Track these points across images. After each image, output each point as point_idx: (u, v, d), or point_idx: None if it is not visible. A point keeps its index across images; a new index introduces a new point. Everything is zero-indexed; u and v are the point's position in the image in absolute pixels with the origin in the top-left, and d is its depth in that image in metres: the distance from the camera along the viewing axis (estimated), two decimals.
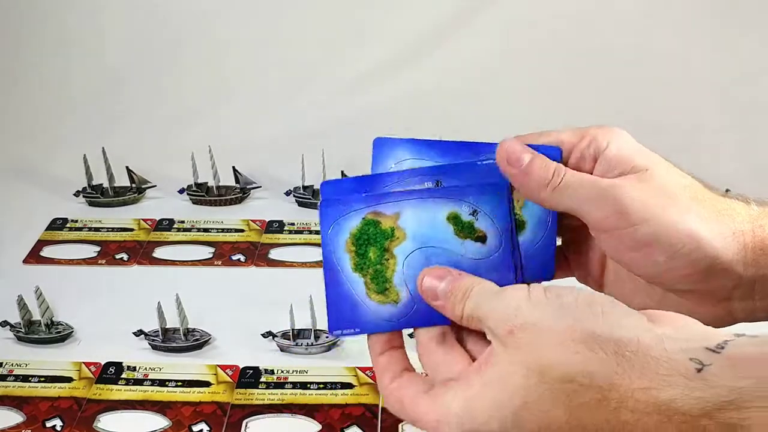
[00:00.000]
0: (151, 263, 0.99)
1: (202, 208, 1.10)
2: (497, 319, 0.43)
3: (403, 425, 0.76)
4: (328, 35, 1.28)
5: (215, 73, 1.30)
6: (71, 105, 1.27)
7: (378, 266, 0.49)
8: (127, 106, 1.27)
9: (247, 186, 1.12)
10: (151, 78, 1.29)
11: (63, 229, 1.06)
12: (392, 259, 0.49)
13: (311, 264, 0.99)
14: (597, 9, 1.27)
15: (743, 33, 1.27)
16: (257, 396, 0.79)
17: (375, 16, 1.28)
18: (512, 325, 0.42)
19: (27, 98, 1.29)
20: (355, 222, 0.49)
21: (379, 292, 0.49)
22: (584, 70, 1.26)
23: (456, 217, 0.49)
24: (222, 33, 1.30)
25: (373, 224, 0.49)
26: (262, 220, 1.07)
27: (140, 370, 0.82)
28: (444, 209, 0.49)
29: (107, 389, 0.80)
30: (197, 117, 1.26)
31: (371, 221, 0.49)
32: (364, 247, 0.49)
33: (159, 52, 1.30)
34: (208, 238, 1.04)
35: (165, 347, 0.85)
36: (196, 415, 0.77)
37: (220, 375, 0.82)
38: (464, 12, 1.27)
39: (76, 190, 1.12)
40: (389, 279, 0.49)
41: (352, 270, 0.50)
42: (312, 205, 1.10)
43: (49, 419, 0.77)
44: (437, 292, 0.47)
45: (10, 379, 0.81)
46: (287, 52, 1.29)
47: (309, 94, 1.28)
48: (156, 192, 1.13)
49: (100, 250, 1.01)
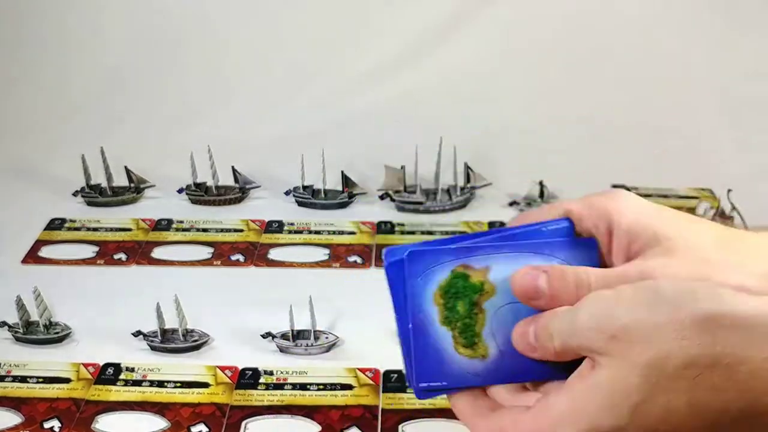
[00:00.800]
0: (150, 263, 0.99)
1: (201, 208, 1.10)
2: (592, 333, 0.42)
3: (404, 426, 0.75)
4: (328, 35, 1.28)
5: (215, 73, 1.30)
6: (70, 105, 1.27)
7: (467, 320, 0.49)
8: (127, 106, 1.27)
9: (247, 186, 1.12)
10: (150, 78, 1.29)
11: (61, 229, 1.05)
12: (481, 314, 0.48)
13: (311, 264, 0.99)
14: (597, 9, 1.27)
15: (744, 33, 1.27)
16: (256, 397, 0.79)
17: (375, 16, 1.28)
18: (613, 331, 0.41)
19: (26, 98, 1.29)
20: (443, 275, 0.49)
21: (467, 346, 0.49)
22: (584, 71, 1.26)
23: None
24: (222, 33, 1.30)
25: (463, 277, 0.48)
26: (261, 220, 1.07)
27: (139, 371, 0.82)
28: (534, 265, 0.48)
29: (106, 390, 0.80)
30: (197, 117, 1.26)
31: (460, 274, 0.48)
32: (452, 301, 0.49)
33: (158, 52, 1.30)
34: (207, 238, 1.04)
35: (164, 348, 0.85)
36: (195, 416, 0.77)
37: (219, 376, 0.81)
38: (465, 12, 1.26)
39: (75, 190, 1.11)
40: (478, 333, 0.48)
41: (440, 323, 0.49)
42: (312, 205, 1.10)
43: (48, 420, 0.76)
44: (528, 341, 0.46)
45: (8, 379, 0.81)
46: (287, 52, 1.29)
47: (309, 94, 1.28)
48: (155, 192, 1.13)
49: (98, 250, 1.01)
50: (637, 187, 1.15)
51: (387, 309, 0.96)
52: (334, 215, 1.08)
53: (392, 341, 0.86)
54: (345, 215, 1.08)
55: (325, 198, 1.10)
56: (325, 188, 1.10)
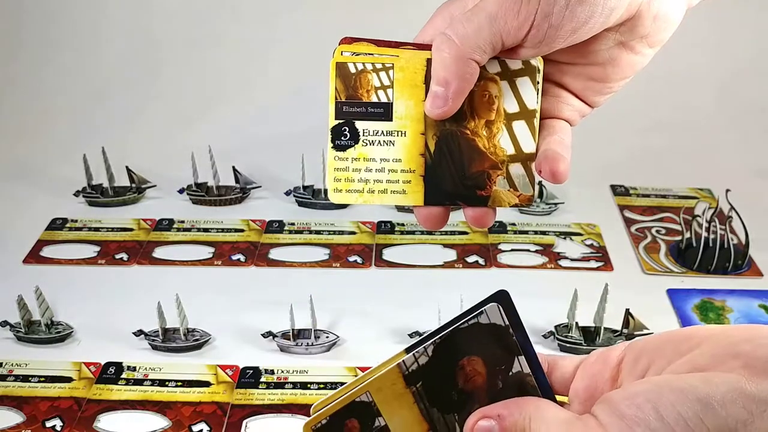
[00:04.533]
0: (151, 263, 0.99)
1: (202, 208, 1.11)
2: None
3: None
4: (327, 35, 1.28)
5: (216, 73, 1.30)
6: (71, 105, 1.27)
7: None
8: (127, 106, 1.28)
9: (247, 186, 1.12)
10: (151, 78, 1.29)
11: (63, 229, 1.06)
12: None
13: (311, 264, 0.99)
14: None
15: (744, 33, 1.27)
16: (257, 396, 0.79)
17: (375, 15, 1.28)
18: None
19: (27, 98, 1.29)
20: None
21: None
22: None
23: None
24: (222, 33, 1.30)
25: None
26: (262, 220, 1.07)
27: (140, 370, 0.82)
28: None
29: (107, 389, 0.80)
30: (198, 117, 1.26)
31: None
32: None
33: (159, 52, 1.30)
34: (207, 238, 1.04)
35: (165, 347, 0.85)
36: (196, 415, 0.77)
37: (220, 375, 0.82)
38: None
39: (76, 190, 1.12)
40: None
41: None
42: (312, 205, 1.10)
43: (49, 419, 0.77)
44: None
45: (10, 379, 0.81)
46: (287, 52, 1.29)
47: (309, 94, 1.28)
48: (156, 192, 1.13)
49: (99, 250, 1.01)
50: (636, 187, 1.15)
51: (387, 308, 0.96)
52: (334, 215, 1.09)
53: (392, 340, 0.87)
54: (345, 215, 1.09)
55: (325, 198, 1.10)
56: (325, 188, 1.10)
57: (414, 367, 0.46)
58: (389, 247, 1.02)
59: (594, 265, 0.99)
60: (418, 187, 0.49)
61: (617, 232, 1.06)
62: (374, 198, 0.49)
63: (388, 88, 0.48)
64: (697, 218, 1.01)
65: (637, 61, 0.49)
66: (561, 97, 0.50)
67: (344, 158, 0.49)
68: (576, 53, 0.48)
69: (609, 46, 0.48)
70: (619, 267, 0.99)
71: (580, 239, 1.04)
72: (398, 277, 0.97)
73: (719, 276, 0.97)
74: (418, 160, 0.49)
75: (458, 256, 1.00)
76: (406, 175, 0.49)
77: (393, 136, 0.49)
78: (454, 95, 0.46)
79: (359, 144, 0.49)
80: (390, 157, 0.49)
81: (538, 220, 1.07)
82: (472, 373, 0.46)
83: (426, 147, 0.49)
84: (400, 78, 0.48)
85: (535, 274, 0.97)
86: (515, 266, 0.99)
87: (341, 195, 0.49)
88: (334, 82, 0.48)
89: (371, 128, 0.49)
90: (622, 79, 0.50)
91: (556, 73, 0.50)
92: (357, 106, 0.48)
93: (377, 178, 0.49)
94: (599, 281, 0.87)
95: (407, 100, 0.48)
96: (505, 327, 0.46)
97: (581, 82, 0.50)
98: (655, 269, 0.98)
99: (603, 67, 0.49)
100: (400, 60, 0.48)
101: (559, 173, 0.47)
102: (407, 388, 0.46)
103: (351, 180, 0.49)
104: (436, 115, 0.47)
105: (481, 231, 1.04)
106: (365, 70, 0.48)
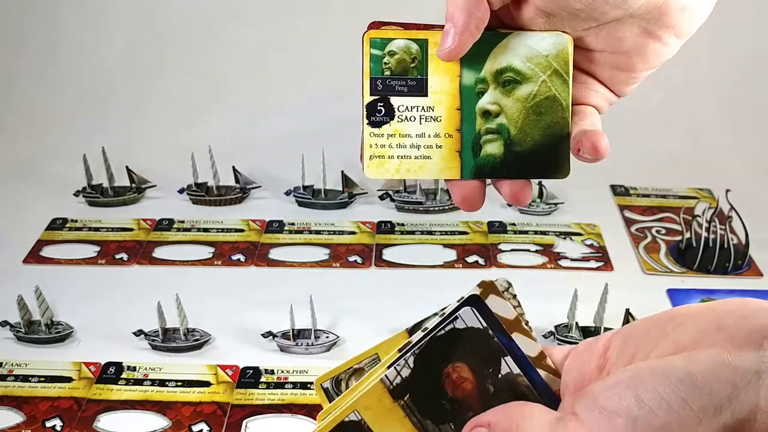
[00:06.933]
0: (151, 263, 0.99)
1: (202, 208, 1.11)
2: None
3: None
4: (327, 35, 1.28)
5: (216, 73, 1.30)
6: (71, 105, 1.27)
7: None
8: (127, 106, 1.28)
9: (247, 186, 1.12)
10: (151, 78, 1.29)
11: (63, 228, 1.06)
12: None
13: (311, 264, 0.99)
14: None
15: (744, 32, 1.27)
16: (257, 396, 0.79)
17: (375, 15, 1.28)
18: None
19: (27, 98, 1.29)
20: None
21: None
22: None
23: None
24: (223, 33, 1.30)
25: None
26: (262, 220, 1.07)
27: (140, 370, 0.82)
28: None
29: (107, 389, 0.80)
30: (198, 117, 1.26)
31: None
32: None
33: (159, 52, 1.30)
34: (207, 238, 1.04)
35: (165, 347, 0.85)
36: (196, 415, 0.77)
37: (220, 375, 0.82)
38: None
39: (76, 189, 1.12)
40: None
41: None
42: (312, 205, 1.10)
43: (49, 419, 0.77)
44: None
45: (10, 379, 0.81)
46: (287, 52, 1.29)
47: (309, 94, 1.28)
48: (156, 192, 1.13)
49: (99, 250, 1.01)
50: (636, 188, 1.15)
51: (387, 308, 0.96)
52: (334, 215, 1.09)
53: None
54: (345, 215, 1.09)
55: (325, 198, 1.10)
56: (326, 188, 1.10)
57: (398, 380, 0.45)
58: (389, 247, 1.02)
59: (594, 265, 0.99)
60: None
61: (617, 232, 1.06)
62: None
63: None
64: (697, 218, 1.01)
65: (664, 51, 0.49)
66: (589, 84, 0.51)
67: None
68: (602, 39, 0.48)
69: (635, 33, 0.48)
70: (619, 267, 0.99)
71: (580, 239, 1.04)
72: (398, 277, 0.97)
73: (719, 276, 0.97)
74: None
75: (458, 256, 1.00)
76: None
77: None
78: (462, 30, 0.46)
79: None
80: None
81: (538, 220, 1.07)
82: (459, 380, 0.45)
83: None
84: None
85: (535, 274, 0.97)
86: (515, 266, 0.99)
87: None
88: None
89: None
90: (648, 68, 0.50)
91: (584, 61, 0.50)
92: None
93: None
94: (599, 281, 0.87)
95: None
96: (484, 329, 0.45)
97: (608, 70, 0.50)
98: (655, 269, 0.98)
99: (629, 56, 0.49)
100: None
101: (601, 148, 0.48)
102: (395, 402, 0.45)
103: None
104: (444, 56, 0.47)
105: (481, 231, 1.04)
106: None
